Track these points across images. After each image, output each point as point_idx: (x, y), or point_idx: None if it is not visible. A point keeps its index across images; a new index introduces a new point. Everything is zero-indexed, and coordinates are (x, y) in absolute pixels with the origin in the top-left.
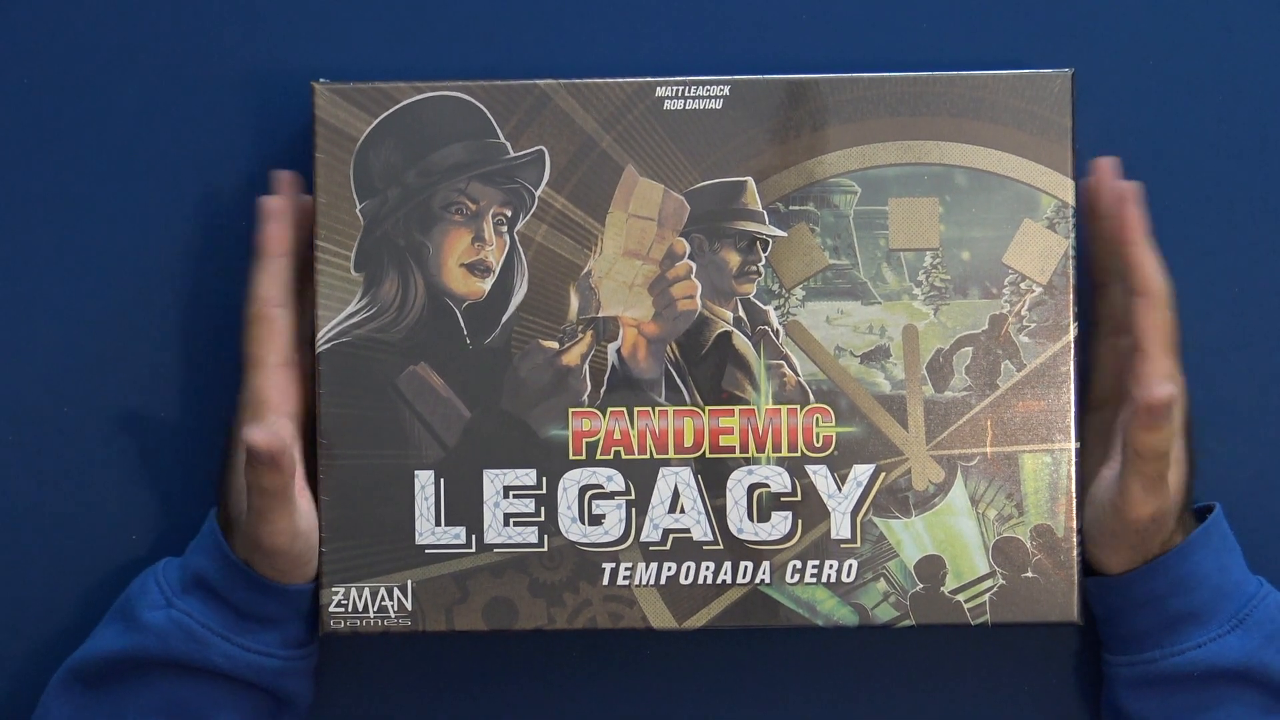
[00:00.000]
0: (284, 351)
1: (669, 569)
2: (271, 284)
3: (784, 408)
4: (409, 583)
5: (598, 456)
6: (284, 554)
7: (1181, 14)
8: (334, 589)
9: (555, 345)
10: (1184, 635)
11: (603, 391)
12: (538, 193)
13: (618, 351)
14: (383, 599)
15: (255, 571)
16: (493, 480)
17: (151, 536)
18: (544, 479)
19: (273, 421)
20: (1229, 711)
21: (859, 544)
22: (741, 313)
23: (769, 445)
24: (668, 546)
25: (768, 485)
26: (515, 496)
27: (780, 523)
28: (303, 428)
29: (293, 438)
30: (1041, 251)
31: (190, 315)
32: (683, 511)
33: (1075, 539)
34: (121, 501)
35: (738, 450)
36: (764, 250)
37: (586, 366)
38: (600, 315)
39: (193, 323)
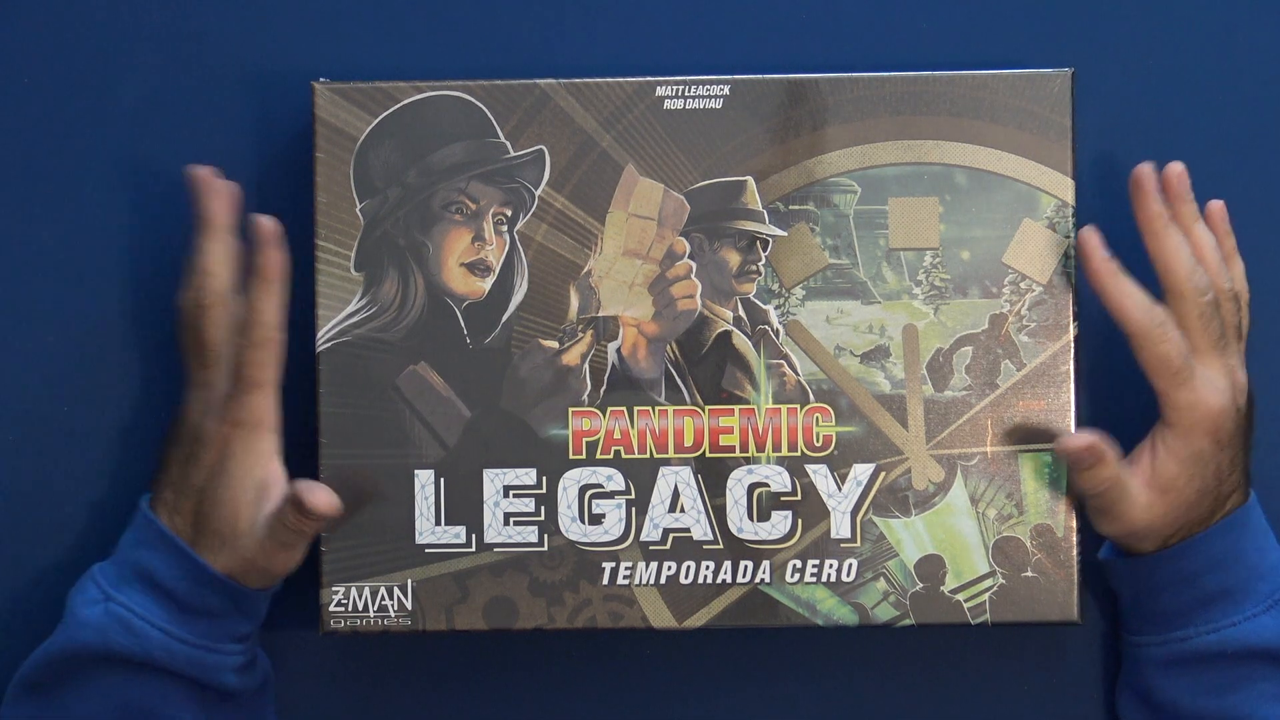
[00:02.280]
0: (280, 373)
1: (669, 568)
2: (275, 308)
3: (784, 407)
4: (409, 582)
5: (598, 456)
6: (286, 571)
7: (1181, 14)
8: (334, 588)
9: (555, 345)
10: (1219, 613)
11: (603, 391)
12: (538, 192)
13: (618, 351)
14: (383, 598)
15: (224, 574)
16: (493, 480)
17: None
18: (544, 478)
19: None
20: (1259, 689)
21: (859, 543)
22: (741, 312)
23: (769, 445)
24: (668, 546)
25: (768, 485)
26: (515, 496)
27: (780, 522)
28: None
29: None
30: (1041, 251)
31: None
32: (683, 511)
33: (1075, 538)
34: (116, 498)
35: (738, 450)
36: (764, 250)
37: (586, 366)
38: (600, 315)
39: None
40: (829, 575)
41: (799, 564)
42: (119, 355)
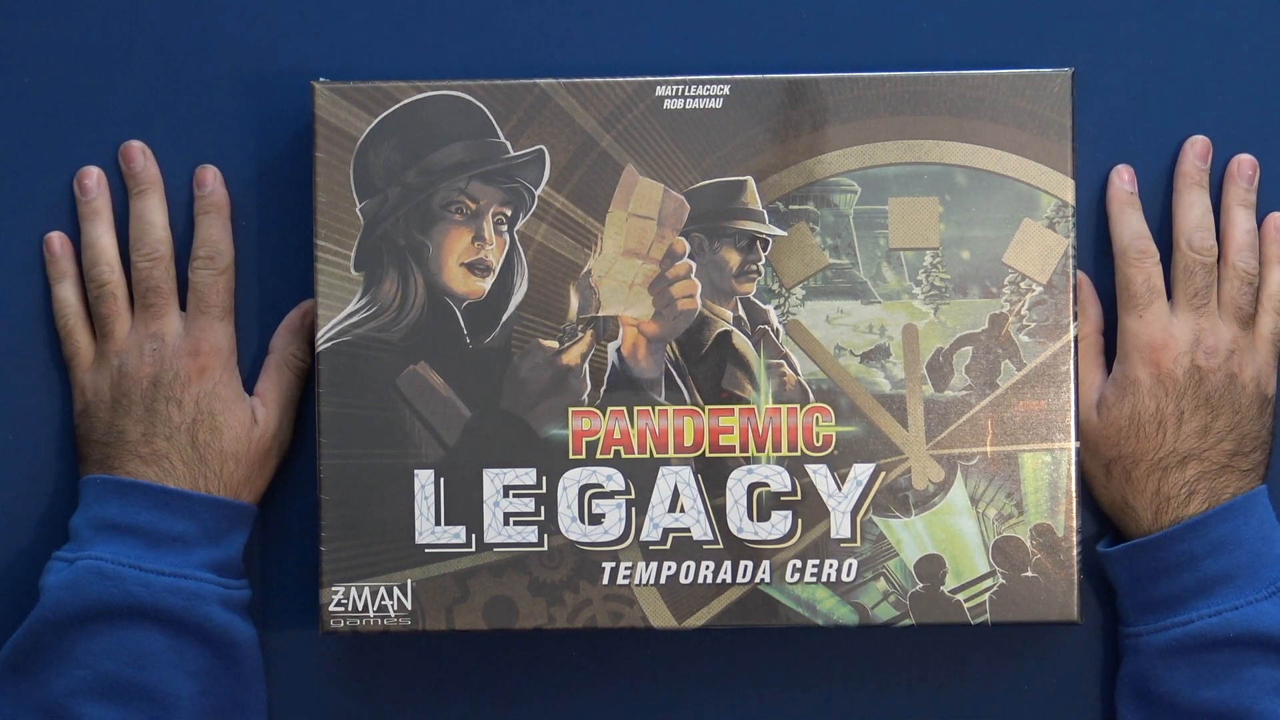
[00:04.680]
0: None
1: (669, 568)
2: (222, 231)
3: (784, 407)
4: (409, 582)
5: (597, 456)
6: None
7: (1181, 14)
8: (334, 588)
9: (555, 344)
10: (1220, 597)
11: (602, 391)
12: (538, 192)
13: (618, 351)
14: (383, 598)
15: (192, 492)
16: (493, 479)
17: None
18: (544, 478)
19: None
20: (1259, 678)
21: (859, 543)
22: (741, 312)
23: (769, 445)
24: (668, 546)
25: (768, 485)
26: (515, 496)
27: (780, 522)
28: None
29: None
30: (1041, 251)
31: None
32: (683, 511)
33: (1075, 538)
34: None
35: (738, 449)
36: (764, 249)
37: (586, 366)
38: (600, 314)
39: None
40: (829, 575)
41: (799, 564)
42: None
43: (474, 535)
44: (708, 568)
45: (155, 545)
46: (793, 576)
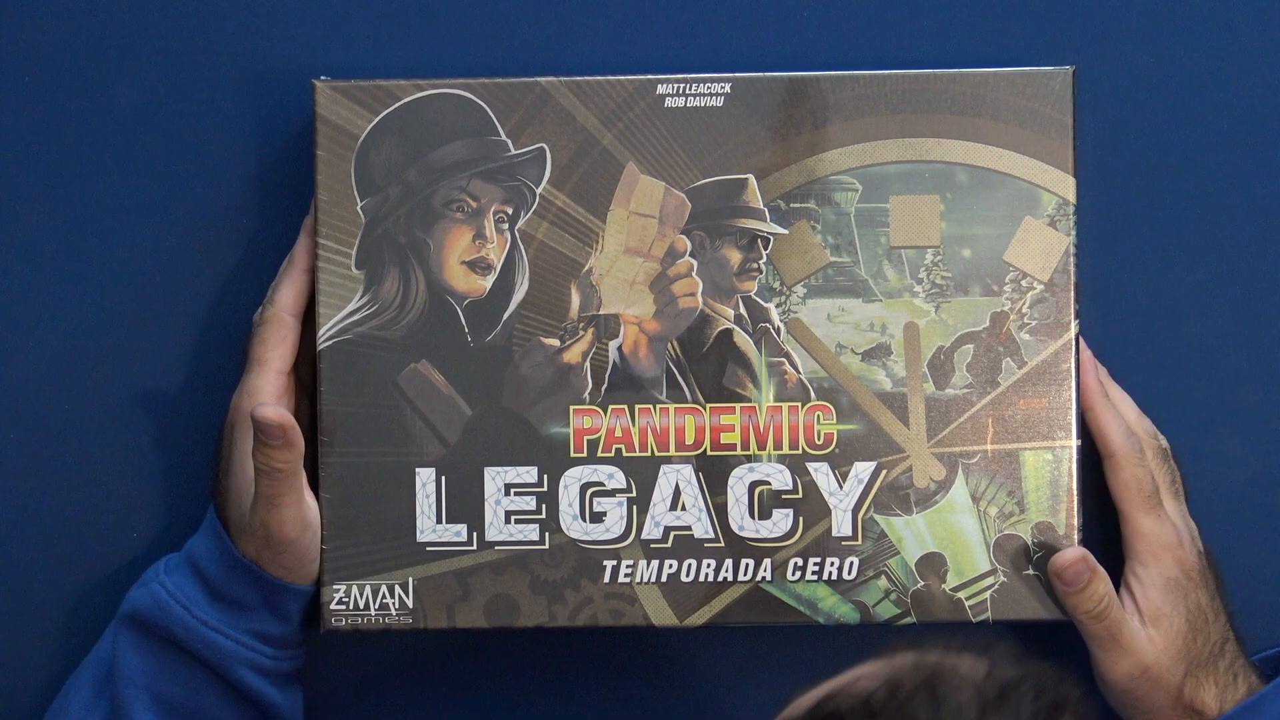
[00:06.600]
0: (288, 359)
1: (670, 566)
2: (292, 292)
3: (785, 405)
4: (410, 580)
5: (599, 454)
6: (293, 545)
7: (1182, 12)
8: (335, 586)
9: (556, 343)
10: None
11: (604, 389)
12: (539, 190)
13: (619, 349)
14: (384, 596)
15: (251, 561)
16: (494, 478)
17: (151, 533)
18: (545, 476)
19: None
20: None
21: (860, 541)
22: (743, 310)
23: (770, 443)
24: (669, 544)
25: (769, 483)
26: (516, 494)
27: (781, 520)
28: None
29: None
30: (1043, 249)
31: (190, 313)
32: (684, 509)
33: (1077, 536)
34: (121, 497)
35: (739, 448)
36: (765, 248)
37: (588, 364)
38: (601, 313)
39: (192, 320)
40: (830, 573)
41: (800, 562)
42: (120, 353)
43: (475, 533)
44: (709, 566)
45: (215, 598)
46: (794, 575)
